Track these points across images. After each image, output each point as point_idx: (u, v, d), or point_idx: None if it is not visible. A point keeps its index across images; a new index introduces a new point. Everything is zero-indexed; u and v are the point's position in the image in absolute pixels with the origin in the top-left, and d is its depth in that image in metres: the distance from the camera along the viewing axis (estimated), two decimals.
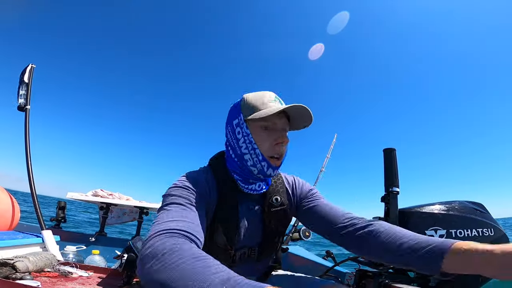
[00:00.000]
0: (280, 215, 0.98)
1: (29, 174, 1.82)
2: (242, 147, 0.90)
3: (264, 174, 0.90)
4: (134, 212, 2.73)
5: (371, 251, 0.85)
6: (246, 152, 0.89)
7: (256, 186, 0.94)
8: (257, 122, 0.89)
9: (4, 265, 1.15)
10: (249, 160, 0.89)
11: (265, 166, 0.89)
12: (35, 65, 2.13)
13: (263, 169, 0.89)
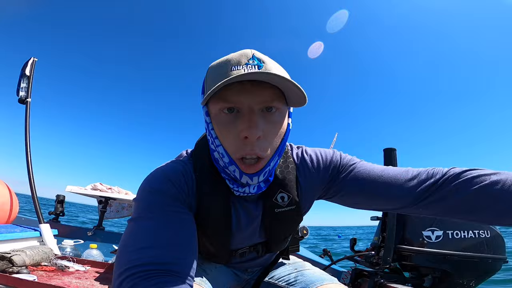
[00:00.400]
0: (288, 217, 0.72)
1: (28, 167, 1.82)
2: (210, 143, 0.64)
3: (239, 183, 0.63)
4: (132, 206, 2.73)
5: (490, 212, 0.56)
6: (213, 149, 0.62)
7: (250, 188, 0.63)
8: (216, 104, 0.56)
9: (1, 259, 1.15)
10: (219, 160, 0.62)
11: (236, 172, 0.59)
12: (37, 58, 2.13)
13: (236, 176, 0.60)
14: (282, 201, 0.70)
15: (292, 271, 0.85)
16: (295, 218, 0.74)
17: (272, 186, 0.69)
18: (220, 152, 0.59)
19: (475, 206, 0.56)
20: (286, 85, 0.53)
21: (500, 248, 1.31)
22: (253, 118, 0.53)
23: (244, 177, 0.58)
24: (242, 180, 0.60)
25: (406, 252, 1.31)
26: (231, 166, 0.59)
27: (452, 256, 1.26)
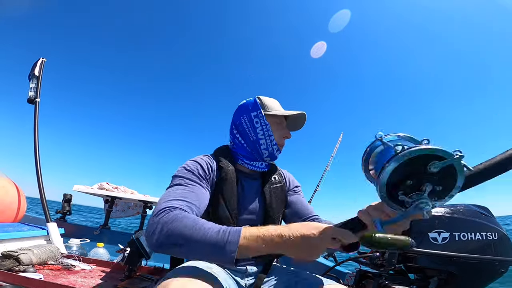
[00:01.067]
0: (279, 192, 1.15)
1: (37, 167, 1.85)
2: (258, 134, 1.11)
3: (272, 156, 1.14)
4: (138, 206, 2.75)
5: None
6: (262, 138, 1.11)
7: (259, 164, 1.14)
8: (272, 118, 1.13)
9: (8, 257, 1.17)
10: (263, 144, 1.12)
11: (275, 149, 1.13)
12: (46, 59, 2.16)
13: (273, 152, 1.13)
14: (275, 180, 1.16)
15: (291, 277, 0.97)
16: (283, 194, 1.17)
17: (270, 169, 1.18)
18: (270, 139, 1.11)
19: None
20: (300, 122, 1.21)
21: (507, 250, 1.29)
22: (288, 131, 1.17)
23: (277, 152, 1.15)
24: (276, 154, 1.15)
25: (411, 254, 1.29)
26: (274, 146, 1.12)
27: (459, 258, 1.24)
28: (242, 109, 1.15)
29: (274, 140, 1.11)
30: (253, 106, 1.13)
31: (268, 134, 1.11)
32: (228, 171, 1.05)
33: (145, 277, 1.38)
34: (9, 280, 1.05)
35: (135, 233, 1.43)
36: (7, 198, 1.74)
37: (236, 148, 1.16)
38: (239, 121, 1.15)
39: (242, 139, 1.15)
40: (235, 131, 1.16)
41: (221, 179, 1.03)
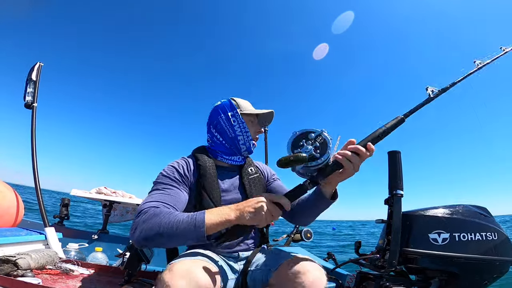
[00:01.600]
0: (257, 182, 1.31)
1: (34, 172, 1.84)
2: (236, 131, 1.26)
3: (249, 150, 1.31)
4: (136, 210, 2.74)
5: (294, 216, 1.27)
6: (240, 134, 1.26)
7: (237, 158, 1.30)
8: (247, 117, 1.29)
9: (6, 262, 1.15)
10: (241, 140, 1.27)
11: (251, 144, 1.31)
12: (43, 63, 2.15)
13: (250, 146, 1.30)
14: (252, 171, 1.33)
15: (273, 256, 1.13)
16: (262, 183, 1.33)
17: (244, 164, 1.34)
18: (247, 135, 1.27)
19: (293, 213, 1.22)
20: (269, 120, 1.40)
21: (508, 251, 1.29)
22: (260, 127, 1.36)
23: (253, 147, 1.32)
24: (252, 148, 1.32)
25: (412, 255, 1.29)
26: (251, 141, 1.30)
27: (459, 258, 1.24)
28: (219, 110, 1.29)
29: (250, 136, 1.29)
30: (229, 106, 1.29)
31: (245, 130, 1.27)
32: (207, 167, 1.20)
33: (144, 281, 1.37)
34: (7, 285, 1.04)
35: None
36: (4, 203, 1.73)
37: (214, 146, 1.30)
38: (216, 121, 1.29)
39: (220, 137, 1.29)
40: (213, 130, 1.30)
41: (202, 175, 1.17)
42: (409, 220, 1.34)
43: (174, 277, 0.80)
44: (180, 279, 0.79)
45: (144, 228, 0.88)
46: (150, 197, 1.01)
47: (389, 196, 1.36)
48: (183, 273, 0.81)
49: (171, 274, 0.81)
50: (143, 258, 1.34)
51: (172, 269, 0.82)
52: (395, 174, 1.35)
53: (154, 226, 0.87)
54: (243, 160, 1.33)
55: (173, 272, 0.81)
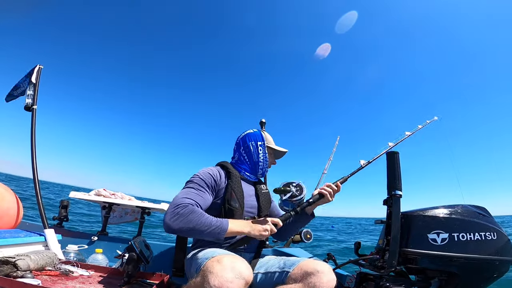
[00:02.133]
0: (267, 196, 1.66)
1: (34, 173, 1.84)
2: (260, 158, 1.62)
3: (263, 174, 1.68)
4: (136, 212, 2.72)
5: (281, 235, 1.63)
6: (262, 162, 1.62)
7: (254, 177, 1.64)
8: (269, 150, 1.68)
9: (6, 263, 1.15)
10: (261, 165, 1.62)
11: (266, 169, 1.68)
12: (42, 66, 2.15)
13: (264, 172, 1.67)
14: (263, 188, 1.68)
15: (280, 260, 1.36)
16: (269, 197, 1.69)
17: (259, 181, 1.70)
18: (265, 164, 1.63)
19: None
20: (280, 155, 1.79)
21: (507, 250, 1.29)
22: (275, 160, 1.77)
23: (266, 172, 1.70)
24: (265, 173, 1.69)
25: (411, 255, 1.29)
26: (266, 168, 1.66)
27: (459, 258, 1.24)
28: (251, 137, 1.64)
29: (267, 165, 1.66)
30: (260, 137, 1.65)
31: (265, 159, 1.63)
32: (237, 176, 1.52)
33: (144, 282, 1.37)
34: (7, 286, 1.04)
35: (134, 239, 1.42)
36: (4, 204, 1.73)
37: (239, 163, 1.63)
38: (247, 144, 1.63)
39: (247, 158, 1.62)
40: (243, 151, 1.63)
41: (232, 181, 1.47)
42: (408, 220, 1.34)
43: (224, 269, 0.98)
44: (229, 271, 0.98)
45: (183, 221, 1.17)
46: (187, 194, 1.29)
47: (388, 197, 1.37)
48: (230, 265, 1.00)
49: (221, 266, 0.99)
50: (142, 259, 1.34)
51: (221, 261, 1.02)
52: (394, 175, 1.36)
53: (191, 222, 1.17)
54: (256, 179, 1.68)
55: (223, 264, 1.00)
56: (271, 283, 1.28)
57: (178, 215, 1.18)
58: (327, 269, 1.16)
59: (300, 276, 1.17)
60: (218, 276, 0.96)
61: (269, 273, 1.32)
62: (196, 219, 1.18)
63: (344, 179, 1.52)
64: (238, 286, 0.97)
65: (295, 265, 1.23)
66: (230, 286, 0.94)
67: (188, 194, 1.29)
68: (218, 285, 0.94)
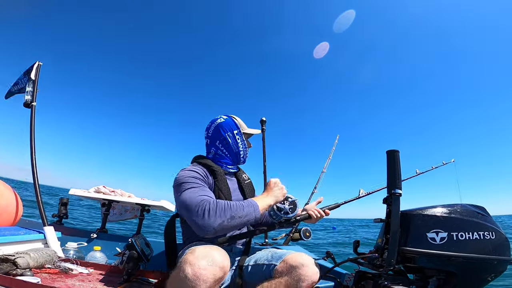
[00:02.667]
0: (250, 186, 1.67)
1: (33, 170, 1.83)
2: (240, 147, 1.57)
3: (244, 160, 1.66)
4: (135, 209, 2.72)
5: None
6: (242, 150, 1.59)
7: (234, 167, 1.62)
8: (245, 135, 1.63)
9: (5, 261, 1.15)
10: (242, 154, 1.60)
11: (247, 156, 1.66)
12: (42, 63, 2.14)
13: (245, 158, 1.64)
14: (245, 178, 1.68)
15: (269, 252, 1.38)
16: (252, 186, 1.68)
17: (238, 171, 1.67)
18: (245, 150, 1.61)
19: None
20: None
21: (505, 250, 1.30)
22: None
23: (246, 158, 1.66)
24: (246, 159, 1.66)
25: (410, 254, 1.30)
26: (247, 154, 1.64)
27: (457, 257, 1.25)
28: (225, 127, 1.56)
29: (247, 150, 1.64)
30: (234, 125, 1.58)
31: (245, 147, 1.60)
32: (221, 173, 1.47)
33: (143, 280, 1.37)
34: (7, 284, 1.04)
35: (133, 236, 1.42)
36: (3, 202, 1.72)
37: (219, 158, 1.56)
38: (223, 137, 1.55)
39: (226, 151, 1.56)
40: (219, 144, 1.56)
41: (218, 179, 1.44)
42: (408, 219, 1.35)
43: (197, 257, 1.02)
44: (201, 259, 1.01)
45: (219, 214, 1.14)
46: (197, 193, 1.24)
47: (388, 195, 1.37)
48: (203, 254, 1.03)
49: (194, 255, 1.03)
50: (142, 257, 1.34)
51: (194, 252, 1.04)
52: (394, 173, 1.36)
53: (227, 211, 1.16)
54: (237, 168, 1.66)
55: (195, 253, 1.03)
56: (259, 275, 1.30)
57: (209, 210, 1.14)
58: (311, 262, 1.22)
59: (286, 270, 1.21)
60: (191, 265, 1.00)
61: (258, 265, 1.33)
62: (227, 206, 1.17)
63: (336, 205, 1.55)
64: (212, 272, 1.00)
65: (281, 259, 1.26)
66: (203, 273, 0.98)
67: (198, 193, 1.24)
68: (191, 272, 0.98)
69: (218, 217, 1.13)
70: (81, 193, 2.32)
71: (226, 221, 1.14)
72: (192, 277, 0.98)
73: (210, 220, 1.12)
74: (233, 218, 1.16)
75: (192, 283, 0.98)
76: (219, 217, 1.13)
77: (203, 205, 1.16)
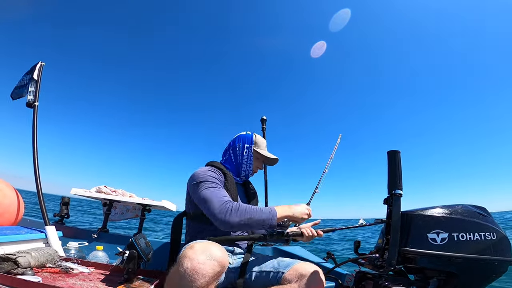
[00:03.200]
0: (254, 195, 1.78)
1: (36, 170, 1.84)
2: (244, 159, 1.65)
3: (247, 177, 1.73)
4: (137, 209, 2.73)
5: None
6: (245, 164, 1.66)
7: (238, 179, 1.69)
8: (256, 153, 1.69)
9: (6, 260, 1.16)
10: (244, 168, 1.67)
11: (249, 174, 1.71)
12: (44, 63, 2.15)
13: (248, 175, 1.71)
14: (252, 188, 1.78)
15: (274, 260, 1.43)
16: (256, 196, 1.78)
17: (244, 182, 1.77)
18: (249, 167, 1.67)
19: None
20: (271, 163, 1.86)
21: (506, 250, 1.29)
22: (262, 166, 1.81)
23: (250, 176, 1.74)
24: (248, 176, 1.73)
25: (410, 255, 1.29)
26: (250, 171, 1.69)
27: (458, 258, 1.24)
28: (241, 139, 1.68)
29: (251, 168, 1.68)
30: (249, 140, 1.68)
31: (249, 163, 1.66)
32: (230, 177, 1.57)
33: (144, 279, 1.38)
34: (8, 283, 1.05)
35: (134, 236, 1.43)
36: (5, 201, 1.73)
37: (227, 163, 1.69)
38: (235, 145, 1.67)
39: (234, 159, 1.67)
40: (231, 151, 1.68)
41: (229, 182, 1.53)
42: (408, 219, 1.34)
43: (196, 252, 1.05)
44: (200, 254, 1.05)
45: (238, 214, 1.27)
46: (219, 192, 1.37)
47: (388, 196, 1.37)
48: (201, 249, 1.07)
49: (193, 250, 1.06)
50: (143, 256, 1.34)
51: (193, 247, 1.08)
52: (395, 174, 1.35)
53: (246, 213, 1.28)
54: (241, 181, 1.72)
55: (194, 248, 1.07)
56: (265, 283, 1.35)
57: (231, 210, 1.27)
58: (320, 271, 1.29)
59: (295, 277, 1.27)
60: (190, 259, 1.03)
61: (264, 272, 1.38)
62: (247, 210, 1.29)
63: (332, 229, 1.60)
64: (211, 267, 1.03)
65: (289, 267, 1.32)
66: (202, 268, 1.02)
67: (221, 193, 1.37)
68: (190, 267, 1.02)
69: (238, 217, 1.26)
70: (82, 192, 2.32)
71: (244, 220, 1.27)
72: (191, 271, 1.01)
73: (231, 218, 1.25)
74: (250, 219, 1.27)
75: (191, 277, 1.01)
76: (238, 217, 1.26)
77: (226, 202, 1.30)
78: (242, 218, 1.26)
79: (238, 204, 1.31)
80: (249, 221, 1.28)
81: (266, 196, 2.65)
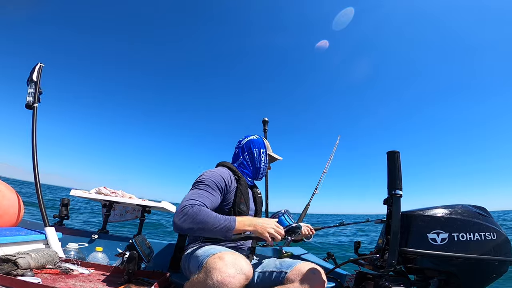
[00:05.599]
0: (261, 199, 1.83)
1: (35, 172, 1.84)
2: (261, 163, 1.75)
3: (262, 176, 1.80)
4: (136, 210, 2.72)
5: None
6: (262, 167, 1.75)
7: (252, 181, 1.80)
8: (269, 156, 1.81)
9: (6, 261, 1.16)
10: (262, 171, 1.76)
11: (264, 174, 1.81)
12: (43, 64, 2.15)
13: (263, 176, 1.79)
14: (258, 192, 1.83)
15: (276, 260, 1.48)
16: (261, 200, 1.83)
17: (253, 185, 1.83)
18: (265, 169, 1.77)
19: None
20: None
21: (506, 250, 1.29)
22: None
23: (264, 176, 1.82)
24: (263, 176, 1.81)
25: (411, 255, 1.29)
26: (264, 172, 1.78)
27: (458, 258, 1.24)
28: (255, 144, 1.76)
29: (266, 169, 1.79)
30: (262, 144, 1.78)
31: (265, 166, 1.77)
32: (244, 180, 1.63)
33: (144, 281, 1.37)
34: (7, 284, 1.04)
35: (134, 237, 1.43)
36: (4, 202, 1.73)
37: (242, 167, 1.74)
38: (251, 150, 1.74)
39: (250, 164, 1.74)
40: (246, 156, 1.75)
41: (241, 185, 1.58)
42: (408, 220, 1.34)
43: (226, 265, 1.06)
44: (231, 267, 1.06)
45: (192, 221, 1.21)
46: (195, 195, 1.34)
47: (388, 196, 1.37)
48: (232, 262, 1.09)
49: (223, 262, 1.08)
50: (143, 257, 1.34)
51: (223, 259, 1.10)
52: (394, 174, 1.35)
53: (199, 221, 1.21)
54: (253, 183, 1.83)
55: (225, 261, 1.08)
56: (268, 282, 1.37)
57: (186, 215, 1.22)
58: (322, 271, 1.31)
59: (298, 277, 1.28)
60: (221, 272, 1.04)
61: (266, 272, 1.41)
62: (203, 218, 1.22)
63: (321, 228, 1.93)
64: (239, 281, 1.05)
65: (292, 267, 1.34)
66: (232, 281, 1.03)
67: (195, 195, 1.34)
68: (220, 280, 1.02)
69: (190, 222, 1.21)
70: (82, 194, 2.32)
71: (195, 228, 1.23)
72: (220, 284, 1.02)
73: (183, 222, 1.22)
74: (201, 230, 1.23)
75: None
76: (190, 223, 1.21)
77: (187, 206, 1.25)
78: (194, 226, 1.22)
79: (199, 209, 1.25)
80: (202, 231, 1.25)
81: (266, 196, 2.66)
